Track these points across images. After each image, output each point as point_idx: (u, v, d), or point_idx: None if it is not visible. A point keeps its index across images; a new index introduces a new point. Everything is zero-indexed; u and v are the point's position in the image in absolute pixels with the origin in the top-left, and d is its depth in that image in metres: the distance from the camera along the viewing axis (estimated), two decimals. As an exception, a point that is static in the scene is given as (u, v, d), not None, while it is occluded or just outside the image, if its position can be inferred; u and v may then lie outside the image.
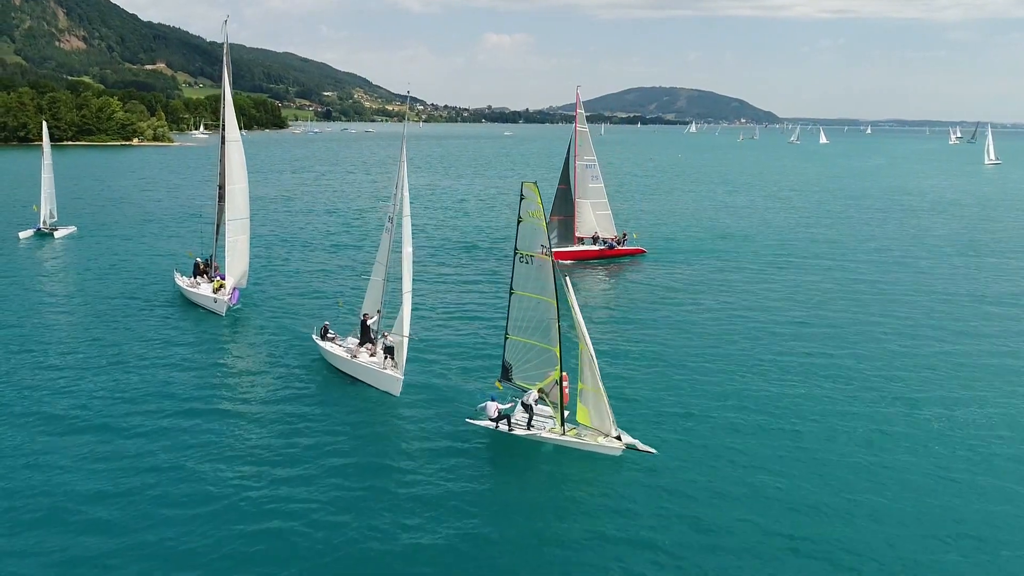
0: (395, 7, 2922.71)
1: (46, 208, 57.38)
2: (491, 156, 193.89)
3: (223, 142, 37.09)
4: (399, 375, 25.51)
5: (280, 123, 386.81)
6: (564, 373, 23.75)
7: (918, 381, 28.21)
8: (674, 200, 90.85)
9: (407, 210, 25.87)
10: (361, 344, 28.04)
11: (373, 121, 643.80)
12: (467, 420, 23.11)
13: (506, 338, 23.74)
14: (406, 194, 25.63)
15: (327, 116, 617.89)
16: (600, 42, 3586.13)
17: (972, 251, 56.11)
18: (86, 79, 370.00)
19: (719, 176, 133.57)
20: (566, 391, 24.56)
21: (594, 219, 51.51)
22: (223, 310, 35.70)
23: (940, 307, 39.26)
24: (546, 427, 22.64)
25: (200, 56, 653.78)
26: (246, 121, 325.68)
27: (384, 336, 26.97)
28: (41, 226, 57.26)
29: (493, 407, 22.51)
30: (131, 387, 26.50)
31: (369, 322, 28.16)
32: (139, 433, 22.77)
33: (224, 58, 36.96)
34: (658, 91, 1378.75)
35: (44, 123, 61.73)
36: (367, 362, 27.02)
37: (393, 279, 27.96)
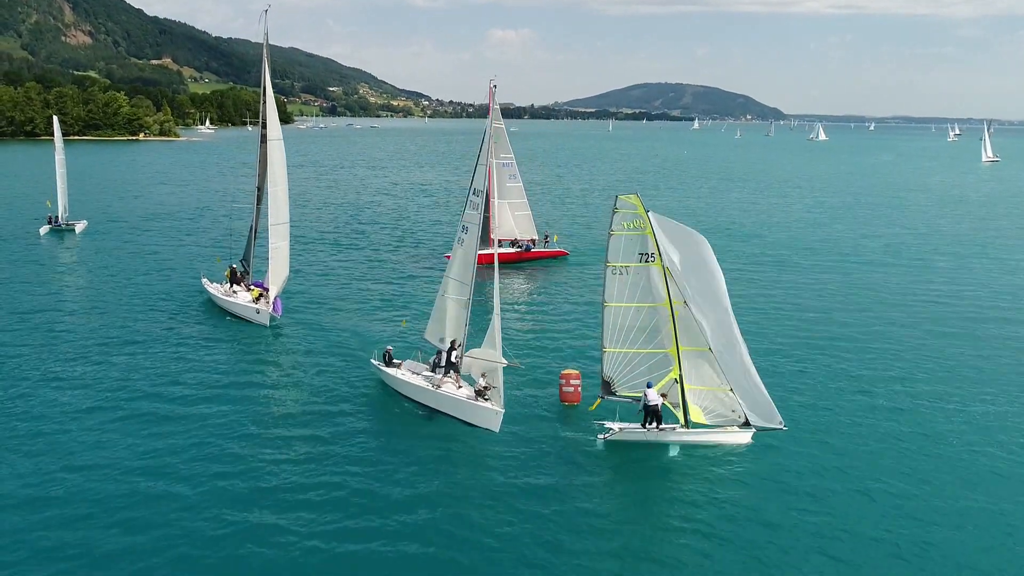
0: (402, 2, 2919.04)
1: (62, 203, 57.62)
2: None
3: (264, 140, 34.39)
4: (499, 408, 22.58)
5: (285, 118, 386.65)
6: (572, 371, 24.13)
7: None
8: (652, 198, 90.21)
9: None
10: (437, 371, 25.04)
11: (378, 117, 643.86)
12: (601, 437, 22.11)
13: (603, 352, 23.17)
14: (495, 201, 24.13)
15: (332, 112, 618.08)
16: (607, 38, 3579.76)
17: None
18: (92, 74, 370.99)
19: (720, 173, 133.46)
20: (575, 394, 24.82)
21: (513, 221, 48.12)
22: (267, 321, 32.95)
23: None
24: (671, 428, 22.56)
25: (206, 51, 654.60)
26: (251, 116, 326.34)
27: (483, 377, 23.76)
28: (61, 222, 57.44)
29: (654, 394, 22.04)
30: (175, 408, 24.44)
31: (455, 355, 24.94)
32: (180, 464, 20.53)
33: (264, 51, 34.31)
34: (664, 87, 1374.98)
35: (55, 119, 61.80)
36: (458, 394, 23.80)
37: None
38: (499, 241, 48.05)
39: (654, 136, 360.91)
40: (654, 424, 22.03)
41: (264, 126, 34.22)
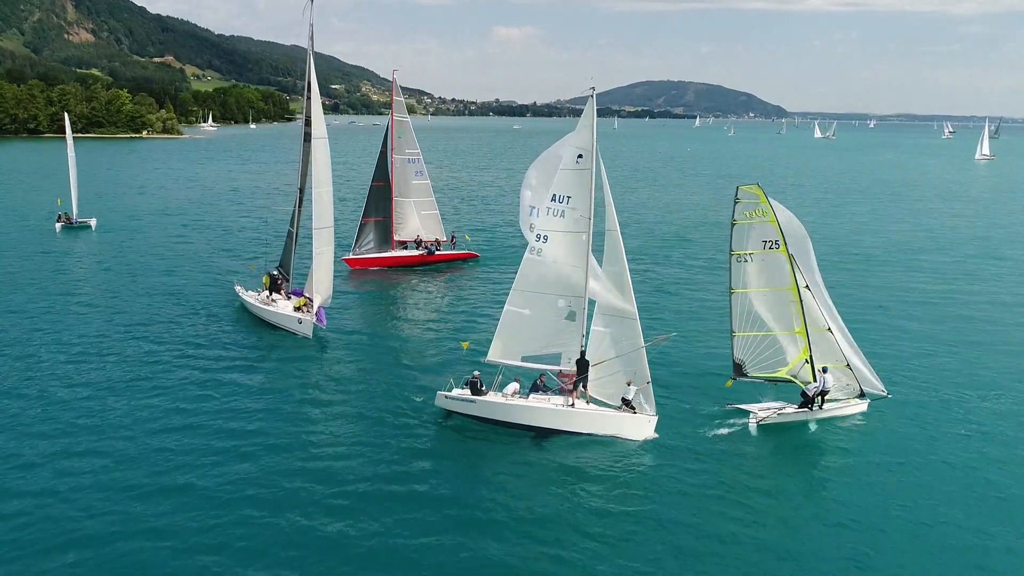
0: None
1: (75, 201, 57.36)
2: (504, 149, 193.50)
3: (307, 139, 32.02)
4: (652, 414, 22.24)
5: (288, 116, 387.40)
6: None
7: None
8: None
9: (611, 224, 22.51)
10: (549, 392, 23.42)
11: (380, 114, 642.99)
12: (754, 421, 23.17)
13: (733, 336, 24.39)
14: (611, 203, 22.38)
15: (335, 109, 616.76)
16: (610, 35, 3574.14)
17: None
18: (95, 72, 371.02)
19: (716, 169, 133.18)
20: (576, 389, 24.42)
21: (418, 220, 45.16)
22: (310, 332, 30.65)
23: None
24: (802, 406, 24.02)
25: (208, 49, 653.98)
26: (254, 114, 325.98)
27: (629, 385, 22.78)
28: (75, 219, 57.24)
29: (831, 379, 23.60)
30: (216, 424, 22.70)
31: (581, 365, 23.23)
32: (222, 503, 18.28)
33: (308, 43, 32.32)
34: (666, 85, 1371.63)
35: (66, 116, 61.77)
36: (599, 410, 22.56)
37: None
38: (404, 243, 45.32)
39: (657, 133, 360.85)
40: (820, 404, 23.55)
41: (308, 123, 31.95)
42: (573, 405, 22.64)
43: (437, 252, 45.89)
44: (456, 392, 23.18)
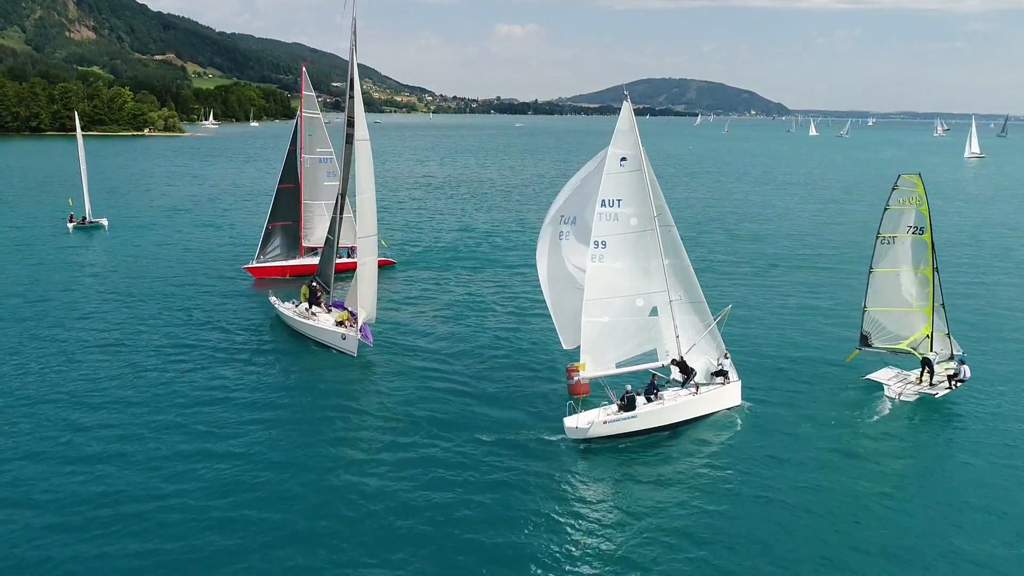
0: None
1: (88, 200, 57.07)
2: (505, 146, 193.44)
3: (349, 140, 30.21)
4: (735, 378, 24.33)
5: (290, 114, 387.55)
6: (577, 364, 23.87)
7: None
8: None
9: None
10: (666, 391, 23.46)
11: (382, 112, 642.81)
12: (897, 396, 24.95)
13: (864, 311, 26.97)
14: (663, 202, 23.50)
15: (336, 107, 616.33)
16: (612, 33, 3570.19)
17: None
18: (96, 69, 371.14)
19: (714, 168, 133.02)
20: (584, 385, 24.12)
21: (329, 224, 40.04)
22: (355, 349, 28.58)
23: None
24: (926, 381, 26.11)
25: (209, 47, 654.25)
26: (256, 112, 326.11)
27: (726, 358, 24.29)
28: (89, 219, 56.97)
29: (968, 369, 25.35)
30: (251, 447, 21.18)
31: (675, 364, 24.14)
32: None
33: (351, 38, 30.39)
34: (668, 83, 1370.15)
35: (76, 115, 61.76)
36: (712, 392, 23.75)
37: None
38: (314, 249, 40.75)
39: (658, 131, 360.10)
40: (955, 385, 25.60)
41: (351, 124, 30.07)
42: (697, 391, 23.61)
43: (348, 259, 40.32)
44: (611, 414, 21.85)
